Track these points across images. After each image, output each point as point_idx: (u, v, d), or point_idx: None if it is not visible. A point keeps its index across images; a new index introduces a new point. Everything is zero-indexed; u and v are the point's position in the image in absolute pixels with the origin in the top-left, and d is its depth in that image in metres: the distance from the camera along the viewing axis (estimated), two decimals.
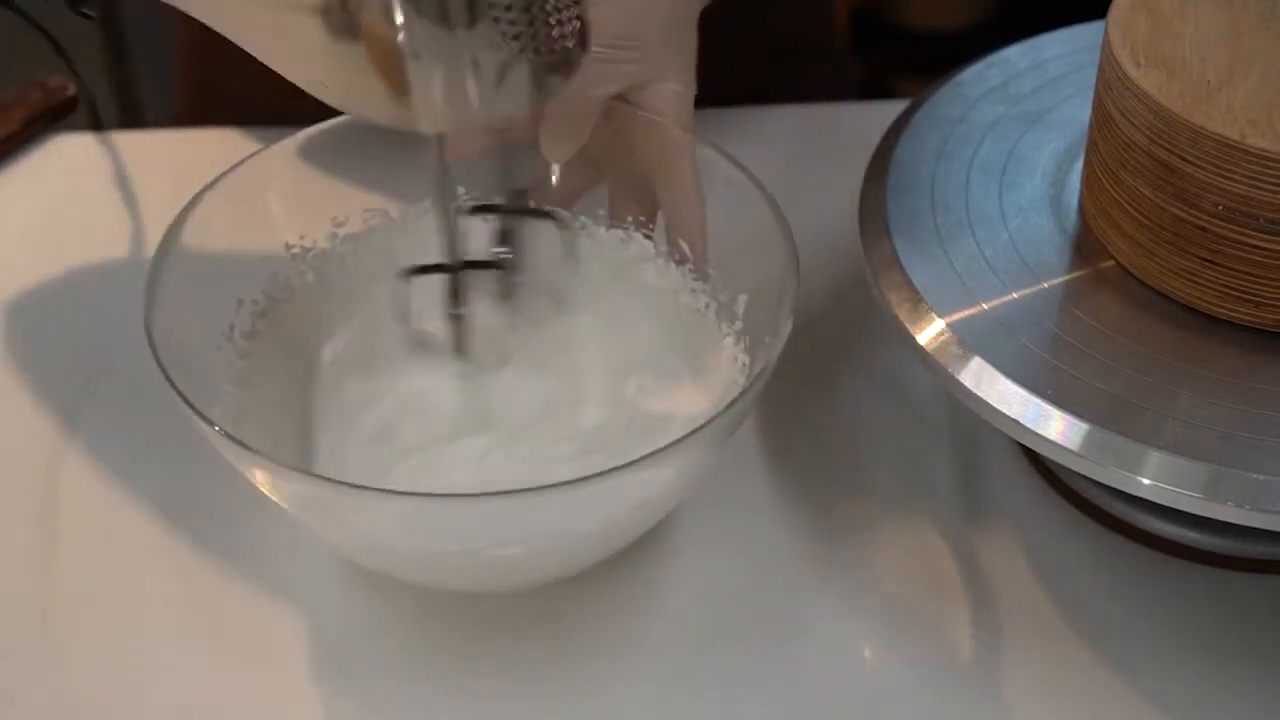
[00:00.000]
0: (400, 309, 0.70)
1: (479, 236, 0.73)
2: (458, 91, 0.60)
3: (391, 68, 0.59)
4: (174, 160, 0.91)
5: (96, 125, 0.95)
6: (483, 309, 0.72)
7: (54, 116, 0.94)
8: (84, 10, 0.75)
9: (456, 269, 0.69)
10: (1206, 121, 0.64)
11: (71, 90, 0.94)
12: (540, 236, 0.74)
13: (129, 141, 0.93)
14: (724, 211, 0.73)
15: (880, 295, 0.70)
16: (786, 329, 0.65)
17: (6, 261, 0.86)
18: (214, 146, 0.91)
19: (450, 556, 0.65)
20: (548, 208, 0.75)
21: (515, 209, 0.73)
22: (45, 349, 0.81)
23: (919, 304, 0.68)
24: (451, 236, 0.68)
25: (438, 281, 0.70)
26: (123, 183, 0.91)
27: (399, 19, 0.58)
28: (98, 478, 0.75)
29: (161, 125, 0.99)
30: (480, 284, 0.71)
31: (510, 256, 0.72)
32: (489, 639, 0.69)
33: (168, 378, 0.63)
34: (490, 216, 0.73)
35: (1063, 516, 0.73)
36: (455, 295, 0.69)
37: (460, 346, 0.70)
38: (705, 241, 0.73)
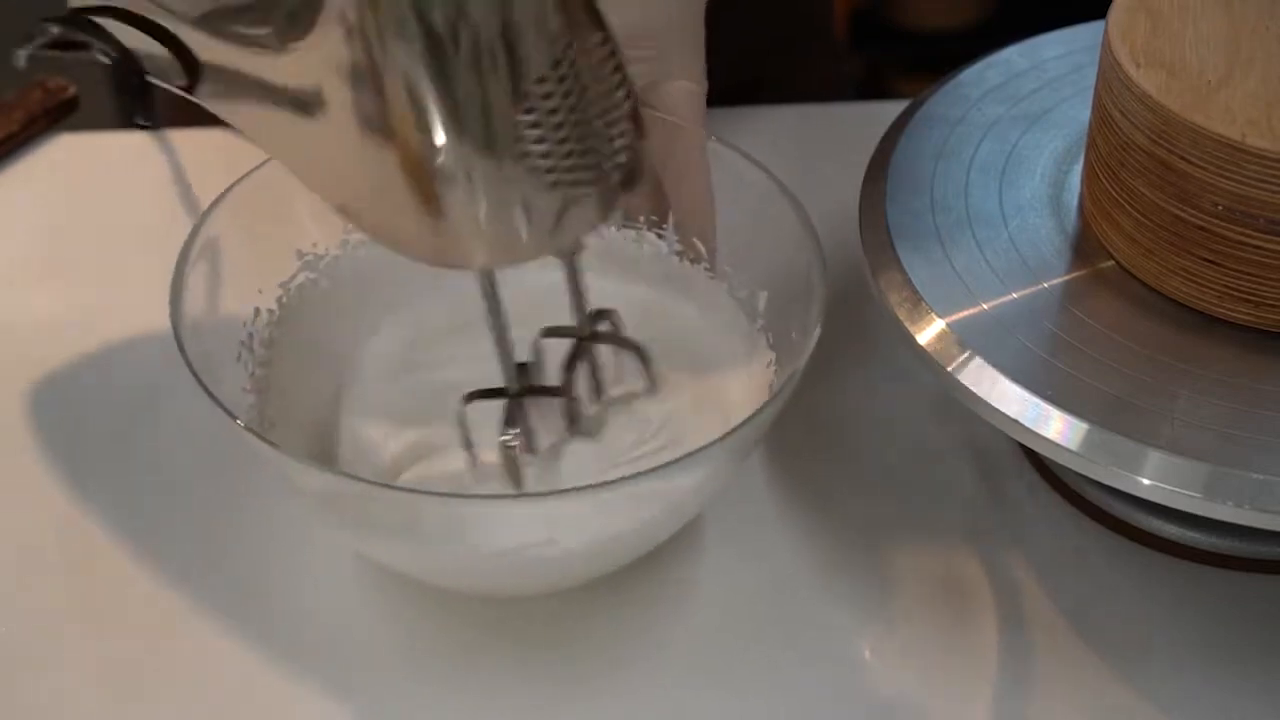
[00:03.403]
0: (463, 433, 0.66)
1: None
2: (504, 222, 0.56)
3: (427, 185, 0.55)
4: (174, 161, 0.91)
5: (97, 125, 0.95)
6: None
7: (54, 116, 0.94)
8: (141, 122, 0.72)
9: (514, 395, 0.65)
10: (1206, 121, 0.64)
11: (71, 90, 0.94)
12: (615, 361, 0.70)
13: (129, 141, 0.93)
14: (740, 209, 0.73)
15: (880, 295, 0.70)
16: (815, 335, 0.65)
17: (7, 262, 0.86)
18: (214, 147, 0.91)
19: (471, 559, 0.64)
20: (625, 336, 0.69)
21: (585, 337, 0.68)
22: (47, 350, 0.81)
23: (919, 304, 0.68)
24: (508, 363, 0.64)
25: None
26: (123, 183, 0.91)
27: (437, 136, 0.54)
28: (102, 480, 0.76)
29: (161, 125, 0.99)
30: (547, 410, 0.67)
31: (568, 387, 0.67)
32: (508, 641, 0.69)
33: (200, 383, 0.63)
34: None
35: (1062, 516, 0.73)
36: (510, 422, 0.65)
37: (513, 477, 0.65)
38: (716, 238, 0.73)
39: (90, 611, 0.71)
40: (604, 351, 0.69)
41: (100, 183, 0.91)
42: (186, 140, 0.94)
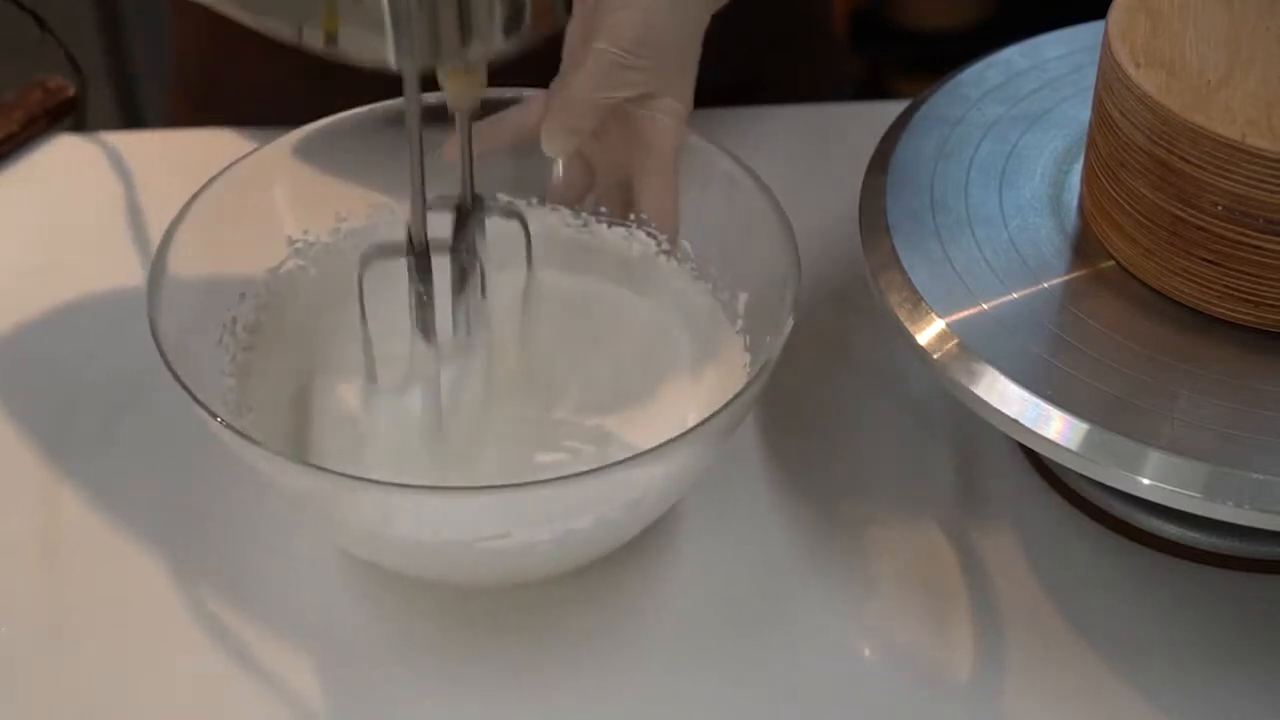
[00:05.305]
0: (360, 300, 0.67)
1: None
2: (434, 21, 0.57)
3: None
4: (174, 160, 0.91)
5: (96, 125, 0.95)
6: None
7: (54, 116, 0.94)
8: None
9: (420, 249, 0.65)
10: (1206, 121, 0.64)
11: (71, 90, 0.94)
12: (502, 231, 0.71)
13: (129, 141, 0.93)
14: (725, 209, 0.73)
15: (880, 295, 0.70)
16: (788, 327, 0.65)
17: (6, 261, 0.86)
18: (214, 146, 0.91)
19: (442, 550, 0.65)
20: (508, 201, 0.73)
21: (476, 207, 0.69)
22: (45, 348, 0.81)
23: (919, 304, 0.68)
24: (419, 213, 0.65)
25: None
26: (123, 183, 0.91)
27: None
28: (98, 475, 0.76)
29: (161, 125, 0.99)
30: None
31: (464, 246, 0.68)
32: (488, 634, 0.69)
33: (172, 372, 0.64)
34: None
35: (1062, 516, 0.73)
36: (419, 274, 0.66)
37: (424, 328, 0.67)
38: (676, 226, 0.74)
39: (74, 604, 0.71)
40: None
41: (100, 183, 0.91)
42: (186, 140, 0.94)
